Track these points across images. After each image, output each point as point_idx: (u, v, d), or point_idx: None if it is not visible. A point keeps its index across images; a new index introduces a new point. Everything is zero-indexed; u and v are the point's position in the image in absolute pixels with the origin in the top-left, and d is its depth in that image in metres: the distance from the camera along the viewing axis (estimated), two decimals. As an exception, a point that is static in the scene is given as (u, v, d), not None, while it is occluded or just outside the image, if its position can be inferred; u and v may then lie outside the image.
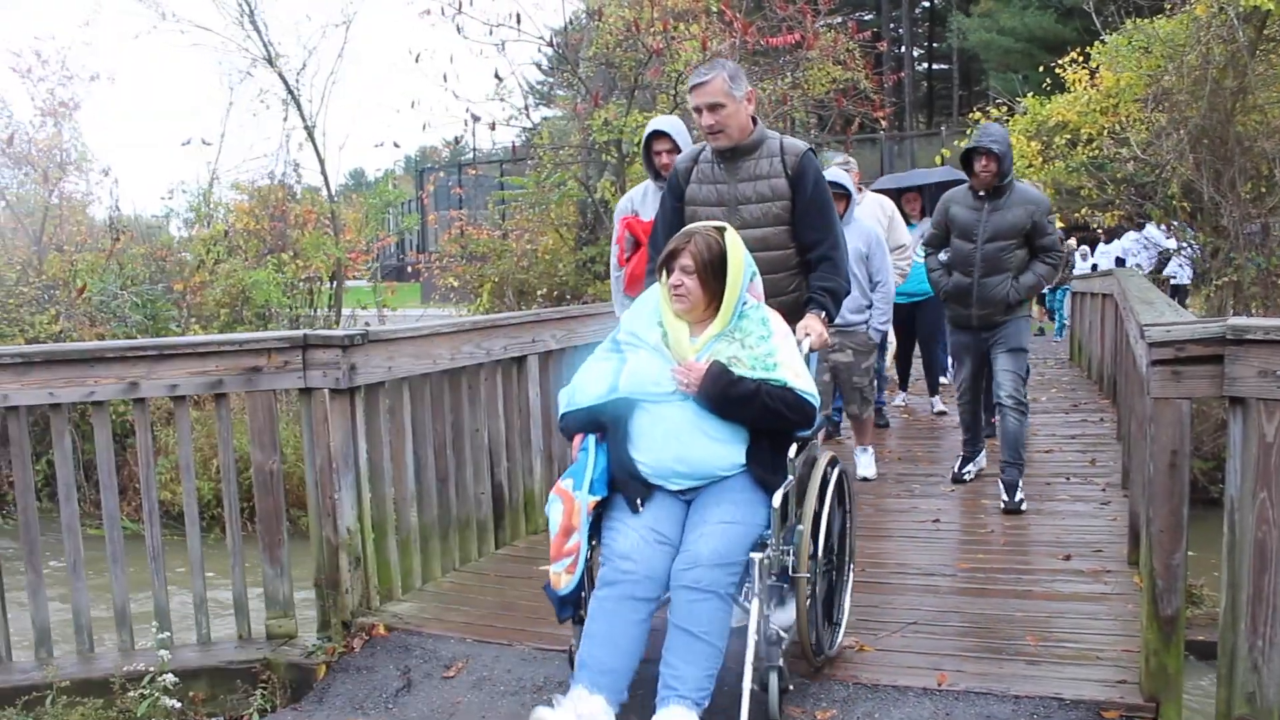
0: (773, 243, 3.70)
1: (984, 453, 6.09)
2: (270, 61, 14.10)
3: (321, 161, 13.99)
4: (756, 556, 2.90)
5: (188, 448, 4.00)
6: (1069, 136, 11.62)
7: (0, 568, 3.88)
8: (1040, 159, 12.47)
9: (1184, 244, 10.83)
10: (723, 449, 3.06)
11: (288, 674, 3.82)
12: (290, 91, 14.30)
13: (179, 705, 3.54)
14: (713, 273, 3.11)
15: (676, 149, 4.64)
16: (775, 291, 3.60)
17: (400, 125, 42.29)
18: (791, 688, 3.15)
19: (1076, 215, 12.78)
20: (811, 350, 3.44)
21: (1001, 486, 5.36)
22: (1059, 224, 14.84)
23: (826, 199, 3.76)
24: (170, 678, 3.55)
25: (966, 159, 5.37)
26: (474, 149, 22.30)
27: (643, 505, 3.03)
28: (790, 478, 3.04)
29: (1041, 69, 14.34)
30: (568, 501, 3.05)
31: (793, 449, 3.09)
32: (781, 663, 3.04)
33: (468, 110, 10.54)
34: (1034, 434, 7.28)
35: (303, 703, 3.61)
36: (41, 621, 3.90)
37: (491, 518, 4.93)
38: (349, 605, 4.00)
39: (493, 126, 11.37)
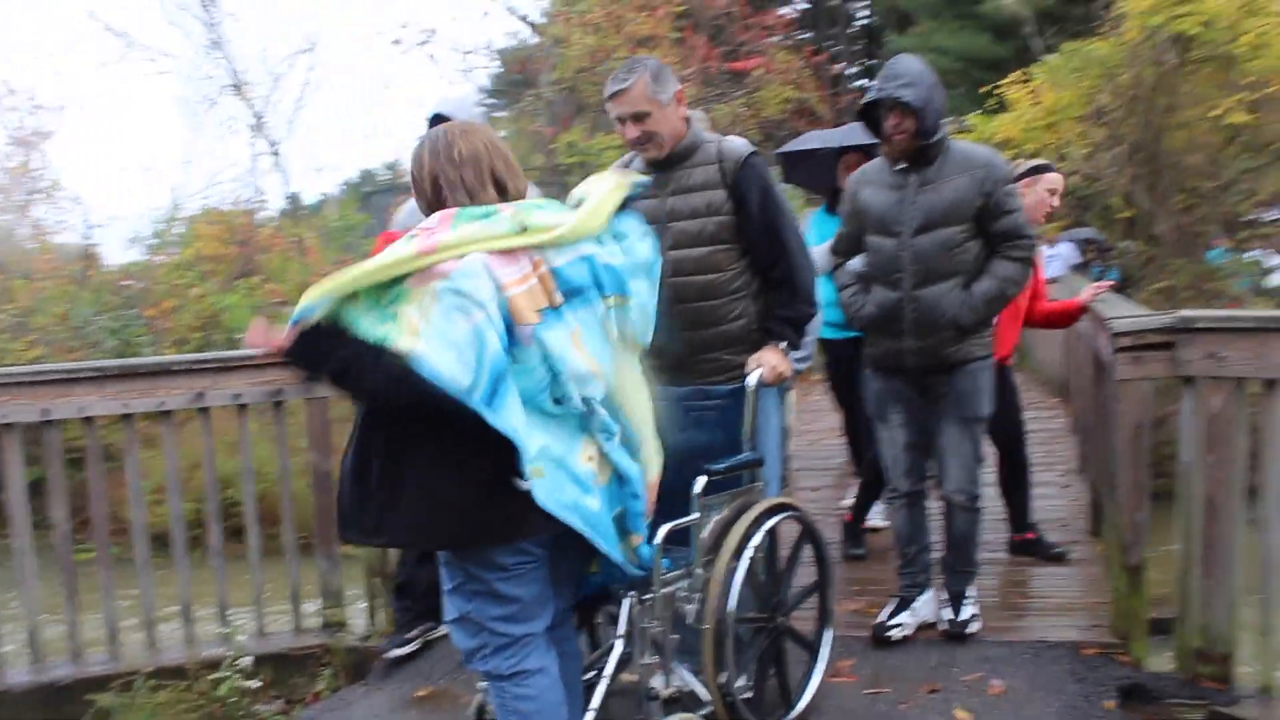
0: (708, 265, 3.20)
1: (931, 594, 3.84)
2: (237, 89, 14.40)
3: (287, 186, 14.27)
4: (627, 599, 2.55)
5: (248, 454, 4.36)
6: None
7: (75, 570, 4.19)
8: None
9: (1103, 246, 11.38)
10: None
11: (348, 657, 4.19)
12: (256, 118, 14.60)
13: (257, 684, 3.89)
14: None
15: None
16: (714, 321, 3.21)
17: (348, 149, 42.28)
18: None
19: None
20: (765, 384, 3.10)
21: (947, 598, 3.78)
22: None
23: (777, 212, 3.20)
24: (248, 660, 3.91)
25: (870, 116, 3.56)
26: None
27: None
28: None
29: (981, 90, 15.07)
30: None
31: (700, 482, 2.76)
32: None
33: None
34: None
35: (369, 679, 3.95)
36: (111, 617, 4.24)
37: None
38: (399, 592, 4.35)
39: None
